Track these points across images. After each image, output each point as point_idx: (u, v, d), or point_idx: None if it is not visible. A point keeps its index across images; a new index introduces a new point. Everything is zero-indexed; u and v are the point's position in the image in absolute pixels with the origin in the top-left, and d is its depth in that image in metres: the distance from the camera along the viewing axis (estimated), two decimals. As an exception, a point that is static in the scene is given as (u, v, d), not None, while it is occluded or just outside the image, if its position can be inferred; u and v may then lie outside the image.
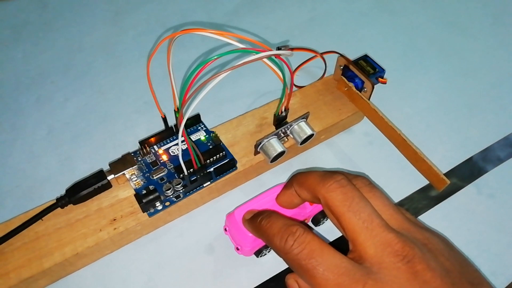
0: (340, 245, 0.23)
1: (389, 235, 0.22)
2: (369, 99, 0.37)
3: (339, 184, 0.24)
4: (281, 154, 0.34)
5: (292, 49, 0.33)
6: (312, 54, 0.41)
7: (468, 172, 0.37)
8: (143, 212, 0.31)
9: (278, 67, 0.29)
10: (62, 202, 0.30)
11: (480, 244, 0.33)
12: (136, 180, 0.32)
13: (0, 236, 0.29)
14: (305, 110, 0.37)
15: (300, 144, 0.35)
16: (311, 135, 0.35)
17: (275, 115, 0.34)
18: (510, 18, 0.52)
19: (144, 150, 0.33)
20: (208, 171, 0.32)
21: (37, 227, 0.30)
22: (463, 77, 0.45)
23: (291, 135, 0.35)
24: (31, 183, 0.36)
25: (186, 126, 0.36)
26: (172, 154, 0.34)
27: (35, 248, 0.29)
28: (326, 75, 0.41)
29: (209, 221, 0.33)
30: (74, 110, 0.41)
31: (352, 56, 0.38)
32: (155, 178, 0.32)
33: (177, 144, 0.34)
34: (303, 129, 0.35)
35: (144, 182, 0.32)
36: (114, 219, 0.31)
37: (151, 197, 0.30)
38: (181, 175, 0.31)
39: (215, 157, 0.32)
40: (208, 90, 0.25)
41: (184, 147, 0.33)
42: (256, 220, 0.27)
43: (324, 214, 0.32)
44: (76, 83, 0.44)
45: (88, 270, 0.31)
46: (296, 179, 0.27)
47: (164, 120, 0.33)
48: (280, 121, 0.35)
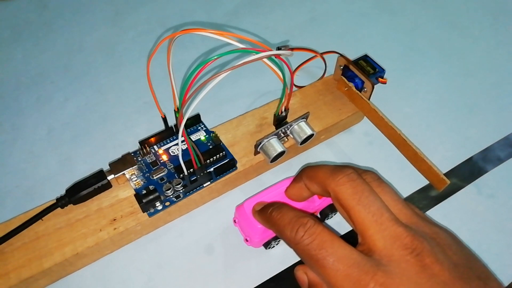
0: (348, 239, 0.24)
1: (398, 229, 0.22)
2: (369, 99, 0.37)
3: (349, 178, 0.24)
4: (281, 154, 0.34)
5: (292, 49, 0.33)
6: (312, 54, 0.41)
7: (468, 172, 0.37)
8: (143, 212, 0.31)
9: (278, 67, 0.29)
10: (62, 202, 0.30)
11: (480, 244, 0.33)
12: (136, 180, 0.32)
13: (0, 236, 0.29)
14: (305, 110, 0.37)
15: (300, 144, 0.35)
16: (311, 135, 0.35)
17: (275, 115, 0.34)
18: (510, 18, 0.52)
19: (144, 150, 0.33)
20: (208, 171, 0.32)
21: (37, 227, 0.30)
22: (463, 77, 0.45)
23: (291, 135, 0.35)
24: (31, 183, 0.36)
25: (186, 126, 0.36)
26: (172, 154, 0.34)
27: (35, 248, 0.29)
28: (326, 75, 0.41)
29: (209, 221, 0.33)
30: (74, 110, 0.41)
31: (352, 56, 0.38)
32: (155, 178, 0.32)
33: (177, 144, 0.34)
34: (303, 129, 0.35)
35: (144, 182, 0.32)
36: (114, 219, 0.31)
37: (151, 197, 0.30)
38: (181, 175, 0.31)
39: (215, 157, 0.32)
40: (208, 90, 0.25)
41: (184, 147, 0.33)
42: (267, 211, 0.27)
43: (333, 208, 0.32)
44: (76, 83, 0.44)
45: (88, 270, 0.31)
46: (306, 172, 0.27)
47: (164, 120, 0.33)
48: (280, 121, 0.35)
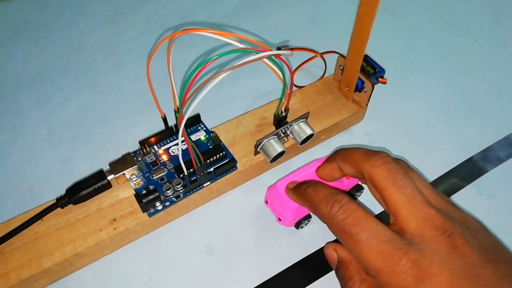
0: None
1: (430, 211, 0.23)
2: (369, 99, 0.37)
3: (384, 161, 0.25)
4: (281, 154, 0.34)
5: (292, 49, 0.33)
6: (312, 54, 0.41)
7: (468, 172, 0.37)
8: (143, 212, 0.31)
9: (278, 67, 0.29)
10: (62, 202, 0.30)
11: (480, 244, 0.32)
12: (136, 180, 0.32)
13: (0, 236, 0.29)
14: (305, 110, 0.37)
15: (300, 144, 0.35)
16: (311, 135, 0.35)
17: (275, 115, 0.34)
18: (510, 18, 0.52)
19: (144, 150, 0.33)
20: (208, 171, 0.32)
21: (37, 227, 0.30)
22: (463, 77, 0.45)
23: (291, 135, 0.35)
24: (31, 183, 0.36)
25: (186, 126, 0.36)
26: (172, 154, 0.34)
27: (35, 248, 0.29)
28: (326, 75, 0.41)
29: (209, 221, 0.33)
30: (74, 110, 0.41)
31: (352, 56, 0.38)
32: (155, 178, 0.32)
33: (177, 144, 0.34)
34: (303, 129, 0.35)
35: (144, 182, 0.32)
36: (114, 219, 0.31)
37: (151, 197, 0.30)
38: (181, 175, 0.31)
39: (215, 157, 0.32)
40: (208, 90, 0.25)
41: (184, 147, 0.33)
42: (301, 188, 0.28)
43: (358, 189, 0.33)
44: (76, 83, 0.44)
45: (88, 270, 0.31)
46: (340, 154, 0.28)
47: (164, 120, 0.33)
48: (280, 121, 0.35)
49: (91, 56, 0.46)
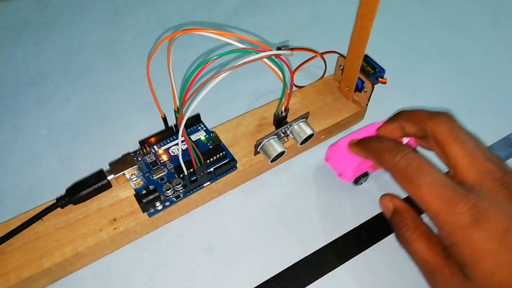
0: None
1: (490, 165, 0.25)
2: (369, 99, 0.37)
3: (447, 119, 0.27)
4: (281, 154, 0.34)
5: (292, 49, 0.33)
6: (312, 54, 0.41)
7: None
8: (143, 212, 0.31)
9: (278, 67, 0.29)
10: (62, 202, 0.30)
11: (480, 244, 0.32)
12: (136, 180, 0.32)
13: (0, 236, 0.29)
14: (305, 110, 0.37)
15: (300, 144, 0.35)
16: (311, 135, 0.35)
17: (275, 115, 0.34)
18: (510, 18, 0.52)
19: (144, 150, 0.33)
20: (208, 171, 0.32)
21: (37, 227, 0.30)
22: (463, 77, 0.45)
23: (291, 135, 0.35)
24: (31, 183, 0.36)
25: (186, 126, 0.36)
26: (172, 154, 0.34)
27: (35, 248, 0.29)
28: (326, 75, 0.41)
29: (209, 221, 0.33)
30: (74, 110, 0.41)
31: (352, 56, 0.38)
32: (155, 178, 0.32)
33: (177, 144, 0.34)
34: (303, 129, 0.35)
35: (144, 182, 0.32)
36: (114, 219, 0.31)
37: (151, 197, 0.30)
38: (181, 175, 0.31)
39: (215, 157, 0.32)
40: (208, 90, 0.25)
41: (184, 147, 0.33)
42: (365, 140, 0.31)
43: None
44: (76, 83, 0.44)
45: (88, 270, 0.31)
46: (404, 113, 0.30)
47: (164, 120, 0.33)
48: (280, 121, 0.35)
49: (91, 56, 0.46)
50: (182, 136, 0.28)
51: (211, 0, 0.53)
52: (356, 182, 0.34)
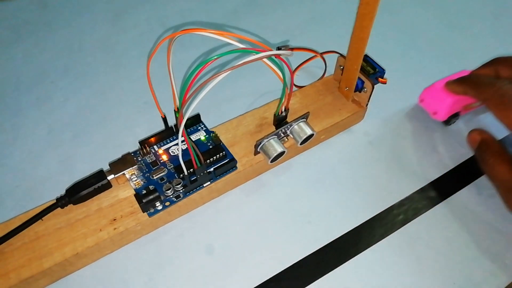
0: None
1: None
2: (369, 99, 0.37)
3: None
4: (281, 154, 0.34)
5: (292, 49, 0.33)
6: (312, 54, 0.41)
7: (468, 172, 0.37)
8: (143, 212, 0.31)
9: (278, 67, 0.29)
10: (62, 202, 0.30)
11: (480, 244, 0.33)
12: (136, 180, 0.32)
13: (0, 236, 0.29)
14: (305, 110, 0.37)
15: (300, 144, 0.35)
16: (311, 135, 0.35)
17: (275, 115, 0.34)
18: (510, 18, 0.52)
19: (144, 150, 0.33)
20: (208, 171, 0.32)
21: (37, 227, 0.30)
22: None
23: (291, 135, 0.35)
24: (31, 183, 0.36)
25: (186, 126, 0.36)
26: (172, 154, 0.34)
27: (35, 248, 0.29)
28: (326, 75, 0.41)
29: (209, 221, 0.33)
30: (74, 110, 0.41)
31: (352, 56, 0.38)
32: (155, 178, 0.32)
33: (177, 144, 0.34)
34: (303, 129, 0.35)
35: (144, 182, 0.32)
36: (114, 219, 0.31)
37: (151, 197, 0.30)
38: (181, 175, 0.31)
39: (215, 157, 0.32)
40: (208, 90, 0.25)
41: (184, 147, 0.33)
42: (464, 77, 0.35)
43: None
44: (76, 83, 0.44)
45: (88, 270, 0.31)
46: (499, 58, 0.35)
47: (164, 120, 0.33)
48: (280, 121, 0.35)
49: (91, 56, 0.46)
50: (182, 136, 0.28)
51: (211, 0, 0.53)
52: (447, 122, 0.38)
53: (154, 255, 0.32)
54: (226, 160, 0.33)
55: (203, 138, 0.35)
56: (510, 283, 0.31)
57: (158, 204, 0.31)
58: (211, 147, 0.34)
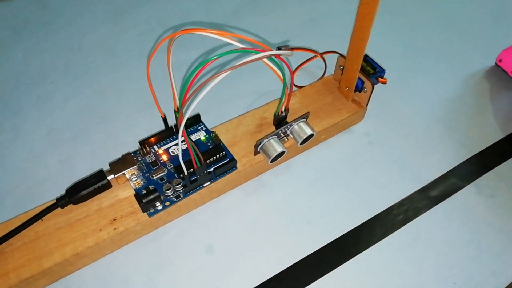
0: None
1: None
2: (369, 99, 0.37)
3: None
4: (281, 154, 0.34)
5: (292, 49, 0.33)
6: (312, 54, 0.41)
7: (468, 172, 0.37)
8: (143, 212, 0.31)
9: (278, 67, 0.29)
10: (62, 202, 0.30)
11: (480, 244, 0.33)
12: (136, 180, 0.32)
13: (0, 236, 0.29)
14: (305, 110, 0.37)
15: (300, 144, 0.35)
16: (311, 135, 0.35)
17: (275, 115, 0.34)
18: (510, 18, 0.52)
19: (144, 150, 0.33)
20: (208, 171, 0.32)
21: (37, 227, 0.30)
22: (463, 77, 0.45)
23: (291, 135, 0.35)
24: (31, 183, 0.36)
25: (186, 126, 0.36)
26: (172, 154, 0.34)
27: (35, 248, 0.29)
28: (326, 75, 0.41)
29: (209, 221, 0.33)
30: (74, 110, 0.41)
31: (352, 56, 0.38)
32: (155, 178, 0.32)
33: (177, 144, 0.34)
34: (303, 129, 0.35)
35: (144, 182, 0.32)
36: (114, 219, 0.31)
37: (151, 197, 0.30)
38: (181, 175, 0.31)
39: (215, 157, 0.32)
40: (208, 90, 0.25)
41: (184, 147, 0.33)
42: None
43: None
44: (76, 83, 0.44)
45: (88, 270, 0.31)
46: None
47: (164, 120, 0.33)
48: (280, 121, 0.35)
49: (91, 56, 0.46)
50: (182, 136, 0.28)
51: (211, 0, 0.53)
52: None
53: (154, 255, 0.32)
54: (226, 160, 0.33)
55: (203, 138, 0.35)
56: (510, 283, 0.31)
57: (158, 204, 0.31)
58: (211, 147, 0.34)
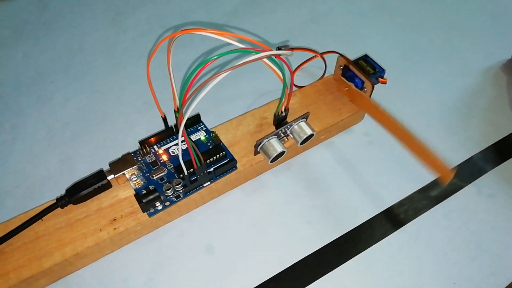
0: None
1: None
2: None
3: None
4: (281, 154, 0.34)
5: (292, 49, 0.33)
6: (312, 54, 0.41)
7: (468, 172, 0.37)
8: (143, 212, 0.31)
9: (278, 67, 0.29)
10: (62, 202, 0.30)
11: (480, 244, 0.33)
12: (136, 180, 0.32)
13: (0, 236, 0.29)
14: (305, 110, 0.37)
15: (300, 144, 0.35)
16: (311, 135, 0.35)
17: (275, 115, 0.34)
18: (510, 18, 0.52)
19: (144, 150, 0.33)
20: (208, 171, 0.32)
21: (37, 227, 0.30)
22: (463, 77, 0.45)
23: (291, 135, 0.35)
24: (31, 183, 0.36)
25: (186, 126, 0.36)
26: (172, 154, 0.34)
27: (35, 248, 0.29)
28: (326, 75, 0.41)
29: (209, 221, 0.33)
30: (74, 110, 0.41)
31: (352, 56, 0.38)
32: (155, 178, 0.32)
33: (177, 144, 0.34)
34: (303, 129, 0.35)
35: (144, 182, 0.32)
36: (114, 219, 0.31)
37: (151, 197, 0.30)
38: (181, 175, 0.31)
39: (215, 157, 0.32)
40: (208, 90, 0.25)
41: (184, 147, 0.33)
42: None
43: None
44: (76, 83, 0.44)
45: (88, 270, 0.31)
46: None
47: (164, 120, 0.33)
48: (280, 121, 0.35)
49: (91, 56, 0.46)
50: (182, 136, 0.28)
51: (211, 0, 0.53)
52: None
53: (154, 255, 0.32)
54: (226, 160, 0.33)
55: (203, 138, 0.35)
56: (510, 283, 0.31)
57: (158, 204, 0.31)
58: (211, 147, 0.34)
